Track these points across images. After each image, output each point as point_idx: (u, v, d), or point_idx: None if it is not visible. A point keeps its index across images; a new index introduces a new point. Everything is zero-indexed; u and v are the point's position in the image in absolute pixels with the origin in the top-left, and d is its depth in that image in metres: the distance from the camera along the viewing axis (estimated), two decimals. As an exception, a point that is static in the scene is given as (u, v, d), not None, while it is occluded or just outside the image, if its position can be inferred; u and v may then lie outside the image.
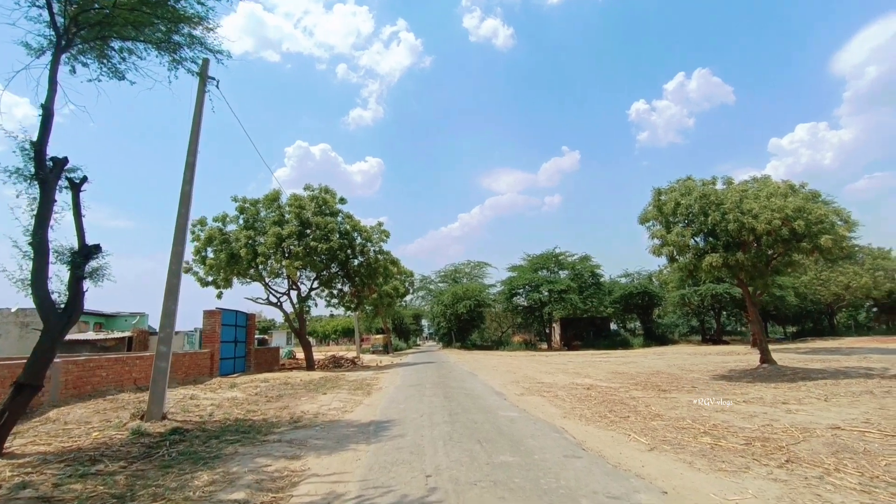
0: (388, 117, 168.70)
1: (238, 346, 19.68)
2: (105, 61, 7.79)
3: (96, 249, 6.14)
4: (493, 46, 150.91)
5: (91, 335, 30.32)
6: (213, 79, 9.29)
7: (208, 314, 17.77)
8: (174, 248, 8.48)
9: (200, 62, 8.93)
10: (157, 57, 8.05)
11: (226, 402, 10.34)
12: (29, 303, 5.94)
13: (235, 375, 17.87)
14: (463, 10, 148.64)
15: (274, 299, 23.34)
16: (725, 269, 15.98)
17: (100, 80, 7.86)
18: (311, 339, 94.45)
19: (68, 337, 28.92)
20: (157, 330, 27.62)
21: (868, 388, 10.77)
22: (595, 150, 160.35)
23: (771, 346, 18.56)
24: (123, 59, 7.90)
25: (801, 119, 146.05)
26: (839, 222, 14.97)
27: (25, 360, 5.97)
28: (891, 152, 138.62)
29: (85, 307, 6.42)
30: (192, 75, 8.49)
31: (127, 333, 28.68)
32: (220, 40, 8.18)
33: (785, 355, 21.26)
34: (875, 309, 50.99)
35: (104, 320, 38.76)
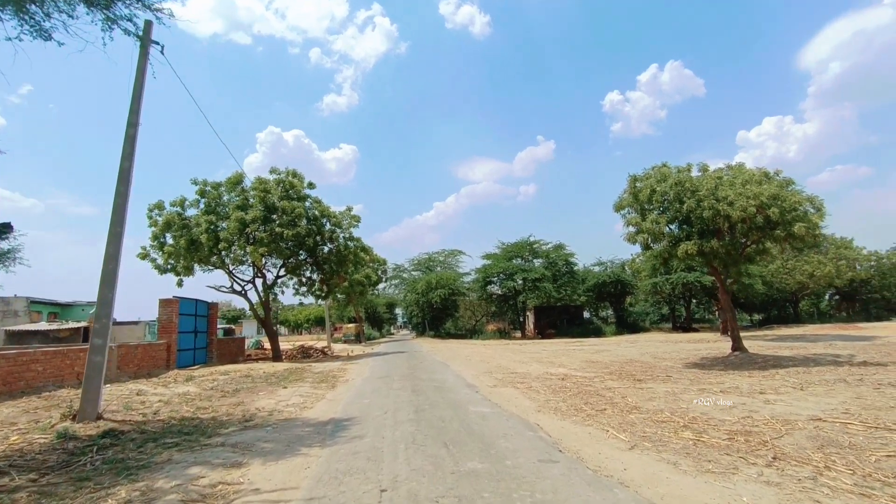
0: (363, 104, 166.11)
1: (198, 336, 18.69)
2: (26, 17, 6.85)
3: (5, 229, 5.34)
4: (469, 34, 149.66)
5: (43, 325, 28.74)
6: (157, 43, 8.38)
7: (164, 303, 16.71)
8: (111, 229, 7.59)
9: (143, 24, 8.04)
10: (87, 14, 7.14)
11: (176, 397, 9.56)
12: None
13: (195, 368, 16.95)
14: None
15: (238, 287, 22.33)
16: (700, 256, 15.83)
17: (20, 39, 6.94)
18: (282, 329, 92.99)
19: (17, 327, 27.45)
20: (124, 321, 26.07)
21: (840, 377, 10.67)
22: (570, 139, 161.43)
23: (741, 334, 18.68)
24: (48, 15, 6.97)
25: (768, 112, 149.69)
26: (812, 210, 14.90)
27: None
28: (852, 146, 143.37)
29: (40, 296, 5.59)
30: (129, 36, 7.57)
31: (82, 324, 27.26)
32: (162, -2, 7.30)
33: (754, 342, 21.45)
34: (837, 297, 52.54)
35: (59, 310, 37.00)
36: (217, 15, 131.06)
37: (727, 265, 17.15)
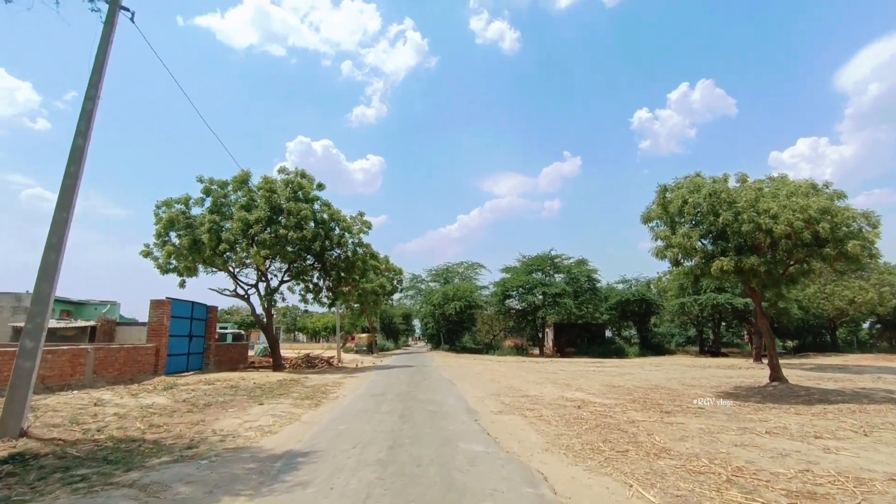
0: (392, 116, 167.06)
1: (194, 341, 17.78)
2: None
3: None
4: (499, 49, 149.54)
5: (52, 323, 28.40)
6: (127, 9, 7.50)
7: (155, 304, 15.80)
8: (56, 214, 6.60)
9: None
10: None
11: (136, 411, 8.51)
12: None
13: (185, 374, 15.99)
14: (471, 11, 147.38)
15: (241, 291, 21.45)
16: (737, 275, 14.31)
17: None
18: (301, 336, 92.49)
19: (20, 324, 27.10)
20: (133, 319, 25.34)
21: (907, 419, 9.08)
22: (596, 156, 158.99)
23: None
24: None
25: (802, 133, 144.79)
26: (867, 227, 13.30)
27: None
28: (890, 169, 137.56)
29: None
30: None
31: (91, 323, 26.79)
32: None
33: (791, 371, 19.60)
34: (878, 325, 49.47)
35: (73, 308, 36.81)
36: (254, 27, 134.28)
37: (767, 286, 15.57)
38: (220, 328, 44.30)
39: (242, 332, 43.37)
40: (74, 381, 11.58)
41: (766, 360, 27.29)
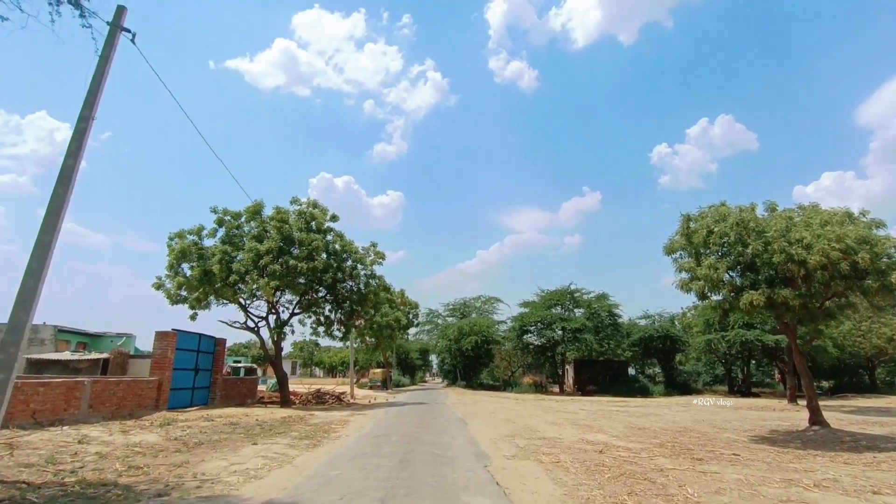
0: (412, 152, 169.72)
1: (200, 374, 17.28)
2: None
3: None
4: (517, 87, 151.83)
5: (66, 355, 28.26)
6: (128, 31, 7.38)
7: (160, 336, 15.41)
8: (40, 237, 6.22)
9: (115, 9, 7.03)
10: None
11: (121, 450, 7.96)
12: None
13: (188, 410, 15.42)
14: (489, 52, 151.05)
15: (252, 324, 21.03)
16: (769, 310, 13.47)
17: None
18: (318, 371, 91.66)
19: (39, 356, 27.05)
20: (142, 352, 25.08)
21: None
22: (616, 191, 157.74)
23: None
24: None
25: (826, 167, 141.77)
26: (911, 258, 12.38)
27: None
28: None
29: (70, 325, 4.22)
30: (83, 18, 6.49)
31: (104, 355, 26.62)
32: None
33: (831, 414, 18.23)
34: (920, 366, 46.65)
35: (89, 340, 36.90)
36: (280, 69, 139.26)
37: (802, 321, 14.62)
38: (234, 362, 43.97)
39: (255, 366, 42.86)
40: (68, 415, 11.12)
41: (802, 402, 25.73)
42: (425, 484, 6.31)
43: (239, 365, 38.82)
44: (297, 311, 21.55)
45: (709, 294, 13.97)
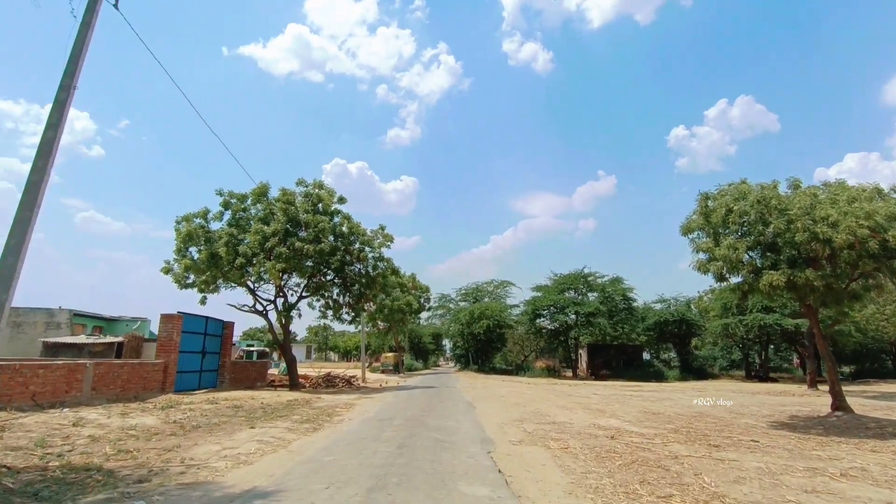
0: (425, 137, 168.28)
1: (207, 357, 17.21)
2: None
3: None
4: (532, 70, 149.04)
5: (82, 339, 28.62)
6: (112, -4, 7.01)
7: (165, 318, 15.28)
8: (19, 213, 5.98)
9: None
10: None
11: (114, 432, 7.80)
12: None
13: (195, 392, 15.36)
14: (503, 34, 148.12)
15: (260, 307, 20.94)
16: (790, 291, 12.87)
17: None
18: (332, 355, 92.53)
19: (55, 339, 27.36)
20: (157, 336, 25.41)
21: None
22: (632, 174, 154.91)
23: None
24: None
25: (849, 148, 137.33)
26: (944, 236, 11.66)
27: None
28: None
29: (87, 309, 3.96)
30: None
31: (119, 339, 26.87)
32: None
33: (854, 400, 17.57)
34: (946, 350, 45.35)
35: (105, 324, 37.44)
36: (294, 55, 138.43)
37: (826, 302, 13.97)
38: (247, 346, 44.33)
39: (267, 349, 43.15)
40: (70, 397, 11.05)
41: (822, 387, 25.07)
42: (421, 471, 5.97)
43: (252, 349, 39.10)
44: (304, 294, 21.40)
45: (727, 275, 13.42)
